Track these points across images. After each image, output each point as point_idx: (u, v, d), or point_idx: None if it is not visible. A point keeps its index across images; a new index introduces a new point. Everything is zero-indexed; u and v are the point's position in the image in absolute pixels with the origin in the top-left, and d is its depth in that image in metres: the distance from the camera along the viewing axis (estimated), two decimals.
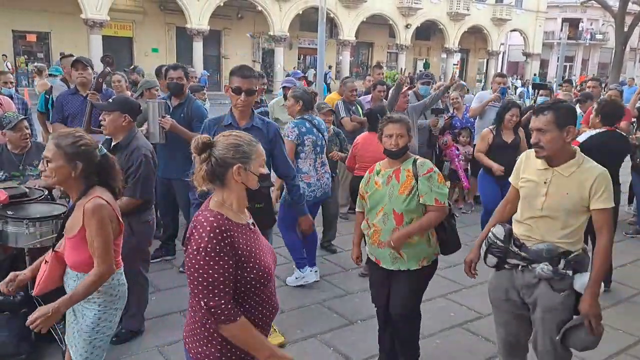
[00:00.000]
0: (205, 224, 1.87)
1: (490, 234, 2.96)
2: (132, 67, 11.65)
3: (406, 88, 6.21)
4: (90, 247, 2.42)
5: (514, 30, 38.31)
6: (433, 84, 7.87)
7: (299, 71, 12.55)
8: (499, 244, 2.88)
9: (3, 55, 21.66)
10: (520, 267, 2.81)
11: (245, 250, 1.94)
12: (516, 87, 11.84)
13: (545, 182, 2.72)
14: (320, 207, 5.34)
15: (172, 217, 5.31)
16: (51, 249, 2.60)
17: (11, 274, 2.58)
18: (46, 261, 2.57)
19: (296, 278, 4.79)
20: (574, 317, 2.71)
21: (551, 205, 2.70)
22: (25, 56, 23.97)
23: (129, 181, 3.50)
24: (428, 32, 35.93)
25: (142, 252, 3.73)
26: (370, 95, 7.25)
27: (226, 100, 14.08)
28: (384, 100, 7.12)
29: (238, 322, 1.90)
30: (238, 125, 3.52)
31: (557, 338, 2.74)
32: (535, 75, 35.67)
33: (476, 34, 36.82)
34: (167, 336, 3.82)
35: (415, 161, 3.20)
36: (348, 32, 30.24)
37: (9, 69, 14.98)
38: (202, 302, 1.86)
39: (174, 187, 4.92)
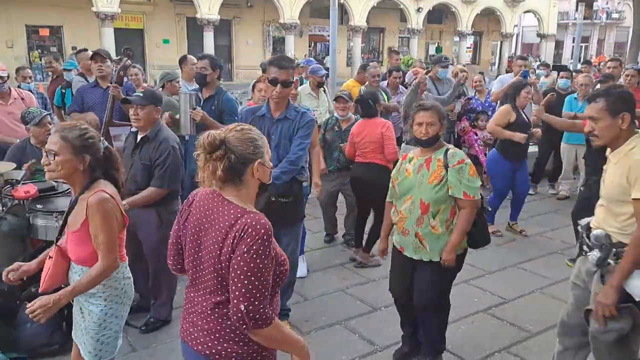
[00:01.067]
0: (257, 226, 1.80)
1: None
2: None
3: (423, 74, 6.18)
4: (94, 241, 2.40)
5: (528, 11, 37.67)
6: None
7: (312, 59, 12.45)
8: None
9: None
10: (585, 253, 2.77)
11: (275, 245, 1.91)
12: (535, 69, 11.54)
13: (605, 170, 2.72)
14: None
15: None
16: (54, 244, 2.56)
17: (15, 264, 2.56)
18: (50, 257, 2.53)
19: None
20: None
21: (605, 192, 2.69)
22: (39, 50, 24.10)
23: (157, 172, 3.54)
24: (440, 15, 35.50)
25: None
26: (386, 82, 7.21)
27: (237, 90, 14.07)
28: (400, 87, 7.10)
29: (274, 323, 1.84)
30: (272, 115, 3.52)
31: (582, 317, 2.72)
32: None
33: (489, 16, 36.31)
34: None
35: (447, 151, 3.16)
36: (359, 17, 29.96)
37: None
38: (241, 306, 1.77)
39: None
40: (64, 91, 6.28)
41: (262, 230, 1.80)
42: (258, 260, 1.78)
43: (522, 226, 6.06)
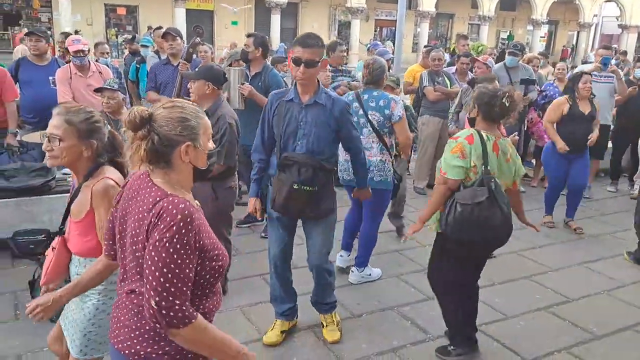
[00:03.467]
0: (174, 211, 1.58)
1: None
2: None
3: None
4: (99, 232, 2.23)
5: (610, 0, 35.63)
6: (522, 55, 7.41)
7: (378, 42, 12.30)
8: None
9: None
10: None
11: (207, 237, 1.69)
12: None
13: None
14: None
15: None
16: (58, 235, 2.40)
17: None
18: (53, 248, 2.37)
19: (362, 276, 4.38)
20: None
21: None
22: (116, 28, 25.11)
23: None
24: (514, 2, 34.14)
25: (226, 216, 3.83)
26: (454, 67, 7.01)
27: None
28: (469, 73, 6.88)
29: (194, 323, 1.60)
30: (300, 100, 3.17)
31: None
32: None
33: (567, 4, 34.57)
34: (249, 298, 3.97)
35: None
36: (427, 2, 29.29)
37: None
38: (152, 302, 1.55)
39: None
40: (138, 66, 6.58)
41: (179, 216, 1.58)
42: (172, 250, 1.56)
43: (591, 224, 5.78)
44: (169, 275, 1.56)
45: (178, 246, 1.57)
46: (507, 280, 4.46)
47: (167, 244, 1.56)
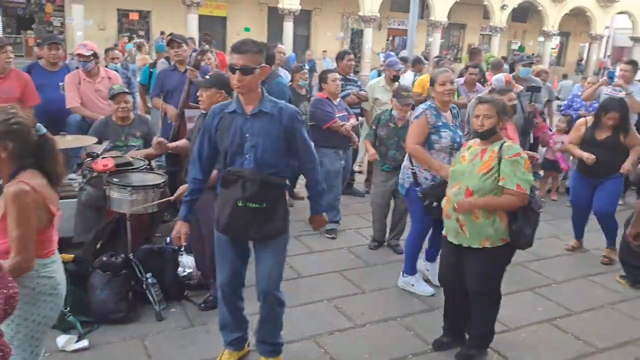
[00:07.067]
0: None
1: None
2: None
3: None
4: (9, 235, 2.16)
5: (622, 12, 35.46)
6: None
7: (391, 52, 12.34)
8: None
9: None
10: None
11: None
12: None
13: None
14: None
15: None
16: None
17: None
18: None
19: (404, 283, 4.43)
20: None
21: None
22: (128, 33, 25.34)
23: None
24: (525, 13, 34.08)
25: None
26: (463, 79, 7.02)
27: (315, 80, 14.11)
28: (478, 84, 6.88)
29: None
30: (244, 111, 2.90)
31: None
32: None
33: (578, 16, 34.45)
34: (251, 306, 3.95)
35: (503, 144, 3.21)
36: (440, 12, 29.30)
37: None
38: None
39: None
40: (151, 70, 6.64)
41: None
42: None
43: (595, 237, 5.66)
44: None
45: None
46: (511, 292, 4.44)
47: None
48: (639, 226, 3.20)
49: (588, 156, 5.01)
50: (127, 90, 4.69)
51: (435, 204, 3.81)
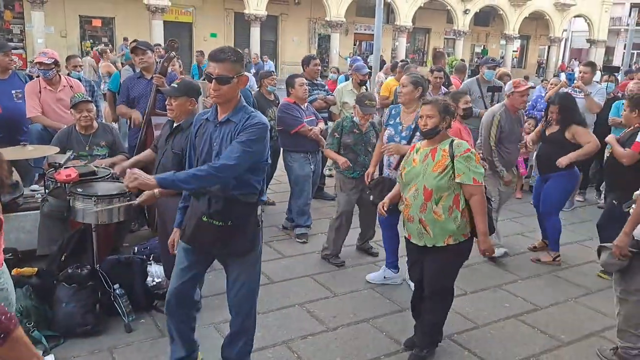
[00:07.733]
0: None
1: None
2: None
3: None
4: None
5: (578, 15, 36.54)
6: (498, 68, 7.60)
7: (358, 57, 12.43)
8: None
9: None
10: None
11: None
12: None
13: None
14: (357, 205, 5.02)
15: None
16: None
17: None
18: None
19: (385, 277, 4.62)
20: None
21: None
22: (91, 40, 24.88)
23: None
24: (487, 17, 34.84)
25: None
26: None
27: (282, 85, 14.18)
28: (442, 87, 7.00)
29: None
30: (216, 118, 2.80)
31: None
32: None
33: (538, 19, 35.40)
34: (223, 314, 3.88)
35: (452, 142, 3.30)
36: (405, 17, 29.72)
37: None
38: None
39: None
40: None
41: None
42: None
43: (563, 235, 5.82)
44: None
45: None
46: (478, 290, 4.53)
47: None
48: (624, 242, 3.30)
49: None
50: (89, 98, 4.60)
51: (391, 206, 3.73)
